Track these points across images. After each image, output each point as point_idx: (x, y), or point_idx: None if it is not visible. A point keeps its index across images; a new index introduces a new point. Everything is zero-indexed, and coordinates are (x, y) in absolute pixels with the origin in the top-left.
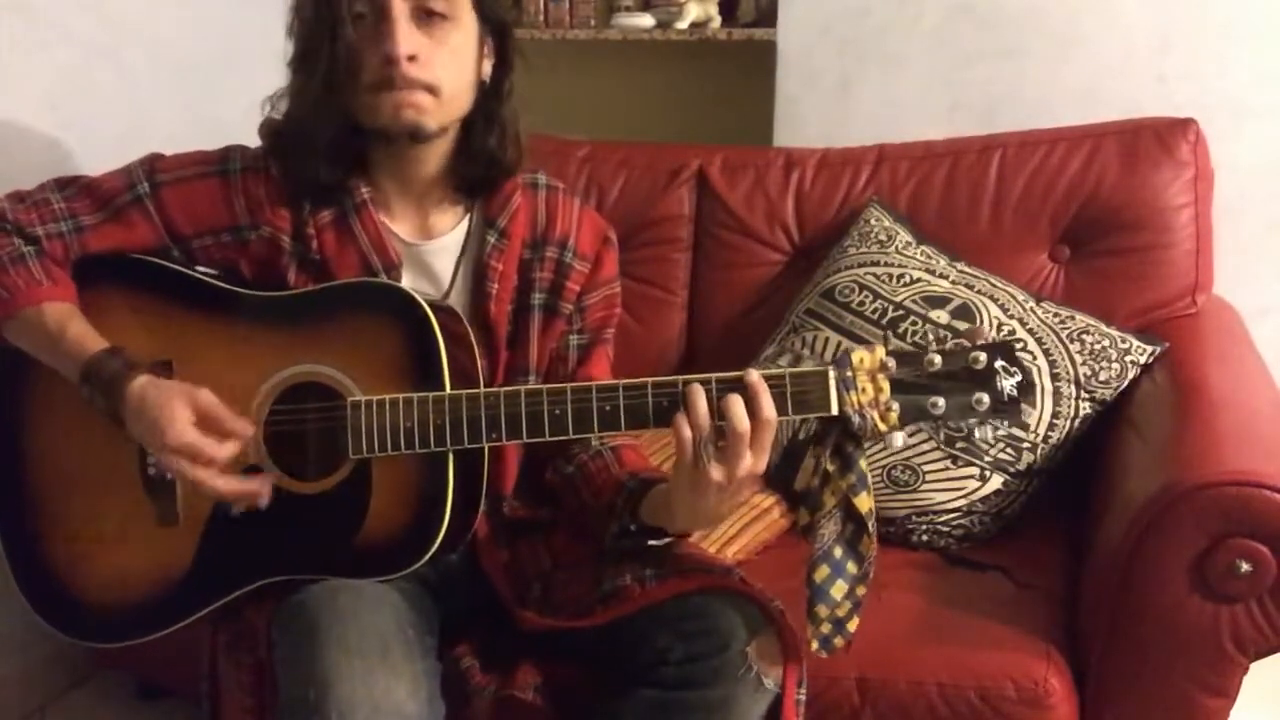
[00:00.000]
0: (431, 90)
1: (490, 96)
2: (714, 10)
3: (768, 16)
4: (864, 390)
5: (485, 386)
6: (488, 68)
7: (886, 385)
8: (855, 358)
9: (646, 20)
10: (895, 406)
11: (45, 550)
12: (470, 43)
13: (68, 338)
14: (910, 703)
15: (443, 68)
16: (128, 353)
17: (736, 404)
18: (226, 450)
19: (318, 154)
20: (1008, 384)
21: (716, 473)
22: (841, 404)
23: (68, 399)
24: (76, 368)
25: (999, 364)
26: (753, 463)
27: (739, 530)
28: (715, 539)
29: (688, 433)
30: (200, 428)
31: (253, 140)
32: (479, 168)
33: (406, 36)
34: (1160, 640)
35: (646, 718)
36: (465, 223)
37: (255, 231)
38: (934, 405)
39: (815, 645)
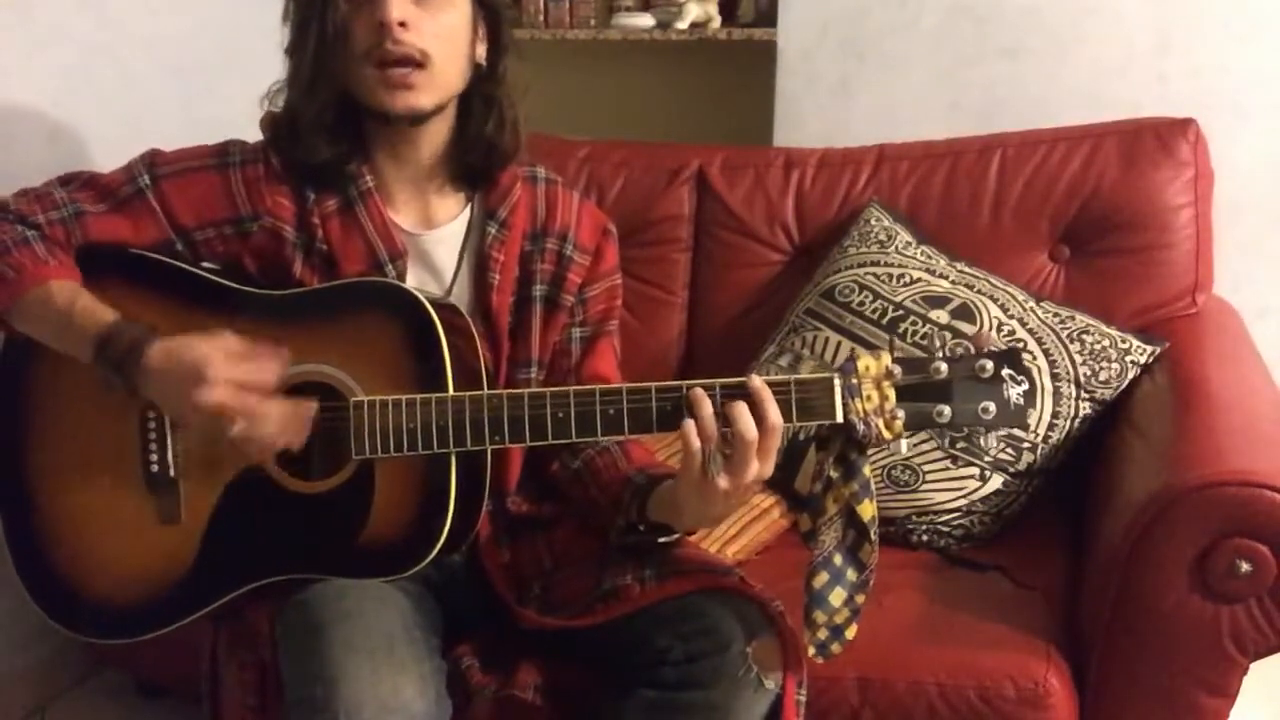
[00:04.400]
0: (423, 61)
1: (486, 80)
2: (714, 10)
3: (768, 16)
4: (869, 398)
5: (488, 378)
6: (482, 50)
7: (892, 393)
8: (861, 364)
9: (646, 20)
10: (900, 414)
11: (49, 547)
12: (463, 21)
13: (77, 312)
14: (910, 703)
15: (434, 37)
16: (143, 321)
17: (743, 411)
18: (269, 373)
19: (316, 131)
20: (1014, 392)
21: (723, 481)
22: (846, 411)
23: (71, 396)
24: (90, 341)
25: (1006, 372)
26: (759, 469)
27: (739, 530)
28: (715, 539)
29: (696, 444)
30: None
31: (251, 140)
32: (477, 154)
33: (398, 3)
34: (1160, 640)
35: (646, 718)
36: (466, 213)
37: (257, 223)
38: (940, 414)
39: (812, 651)
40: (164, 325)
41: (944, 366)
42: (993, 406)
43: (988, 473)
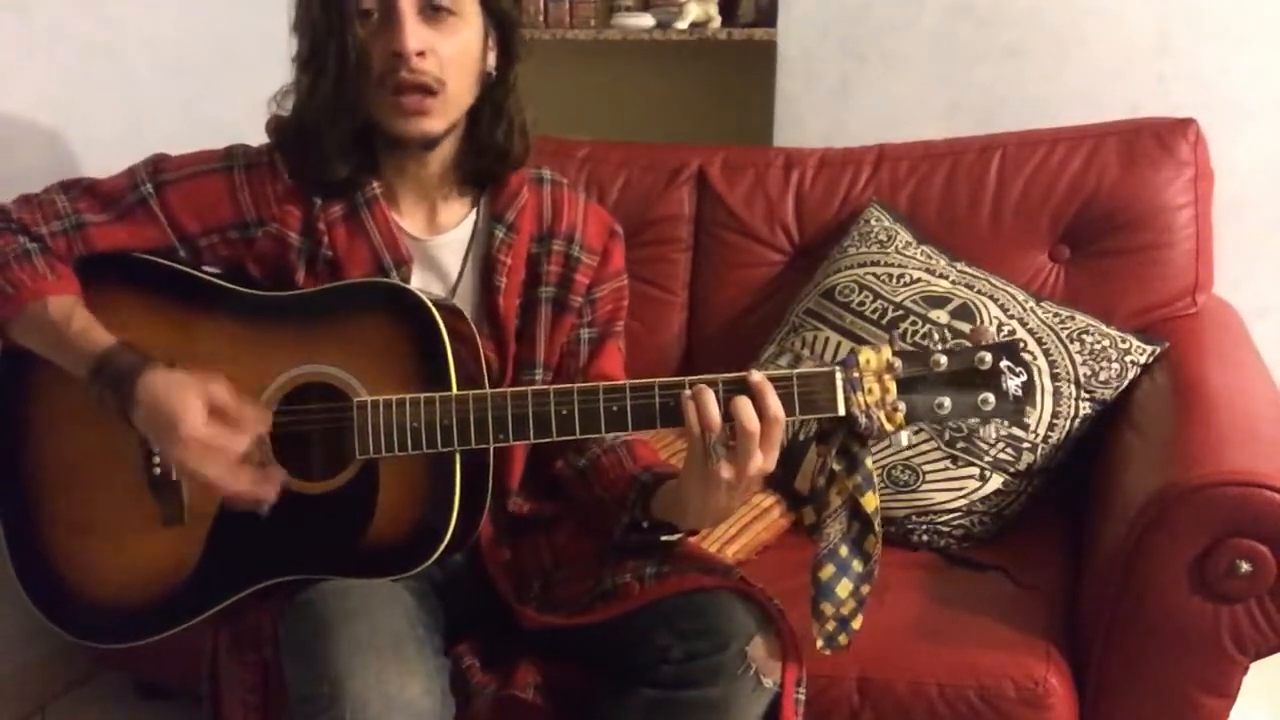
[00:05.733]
0: (438, 88)
1: (496, 88)
2: (714, 10)
3: (768, 16)
4: (870, 391)
5: (494, 381)
6: (492, 60)
7: (893, 386)
8: (862, 358)
9: (646, 20)
10: (902, 407)
11: (51, 550)
12: (475, 37)
13: (73, 331)
14: (910, 703)
15: (450, 63)
16: (138, 347)
17: (745, 405)
18: (240, 443)
19: (335, 152)
20: (1013, 384)
21: (727, 471)
22: (848, 404)
23: (72, 399)
24: (85, 363)
25: (1004, 364)
26: (763, 461)
27: (739, 530)
28: (715, 539)
29: (697, 430)
30: (214, 419)
31: (252, 140)
32: (487, 161)
33: (414, 33)
34: (1160, 640)
35: (646, 717)
36: (472, 217)
37: (261, 228)
38: (940, 406)
39: (820, 643)
40: (167, 328)
41: (944, 359)
42: (992, 398)
43: (988, 473)
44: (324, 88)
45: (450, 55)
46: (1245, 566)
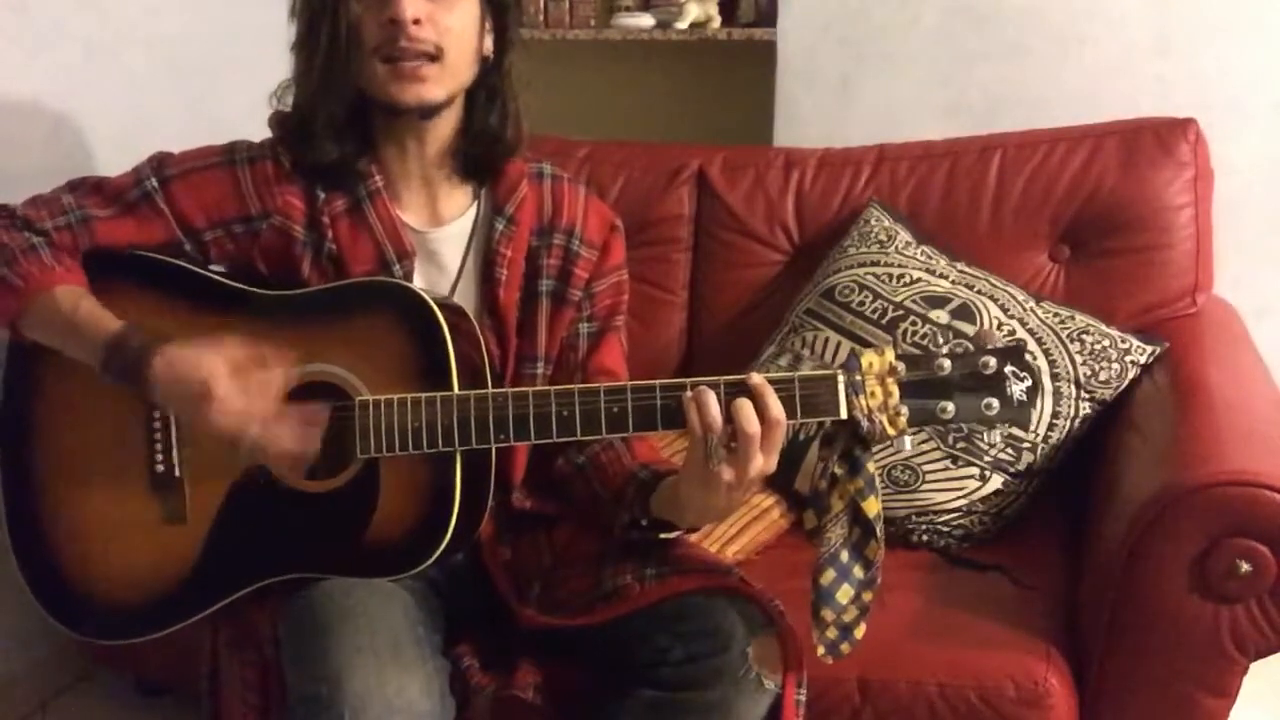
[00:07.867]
0: (437, 55)
1: (492, 73)
2: (714, 10)
3: (768, 16)
4: (873, 394)
5: (494, 375)
6: (489, 43)
7: (896, 389)
8: (864, 361)
9: (646, 20)
10: (904, 411)
11: (54, 548)
12: (472, 13)
13: (81, 316)
14: (910, 703)
15: (448, 32)
16: (147, 328)
17: (745, 407)
18: (275, 384)
19: (326, 131)
20: (1017, 389)
21: (727, 473)
22: (850, 408)
23: (77, 397)
24: (96, 348)
25: (1009, 369)
26: (763, 463)
27: (739, 530)
28: (715, 539)
29: (699, 431)
30: (238, 374)
31: (254, 139)
32: (482, 147)
33: (411, 1)
34: (1160, 640)
35: (646, 718)
36: (473, 210)
37: (266, 220)
38: (943, 410)
39: (821, 650)
40: (171, 326)
41: (947, 363)
42: (996, 403)
43: (988, 473)
44: (317, 63)
45: (449, 24)
46: (1245, 566)
